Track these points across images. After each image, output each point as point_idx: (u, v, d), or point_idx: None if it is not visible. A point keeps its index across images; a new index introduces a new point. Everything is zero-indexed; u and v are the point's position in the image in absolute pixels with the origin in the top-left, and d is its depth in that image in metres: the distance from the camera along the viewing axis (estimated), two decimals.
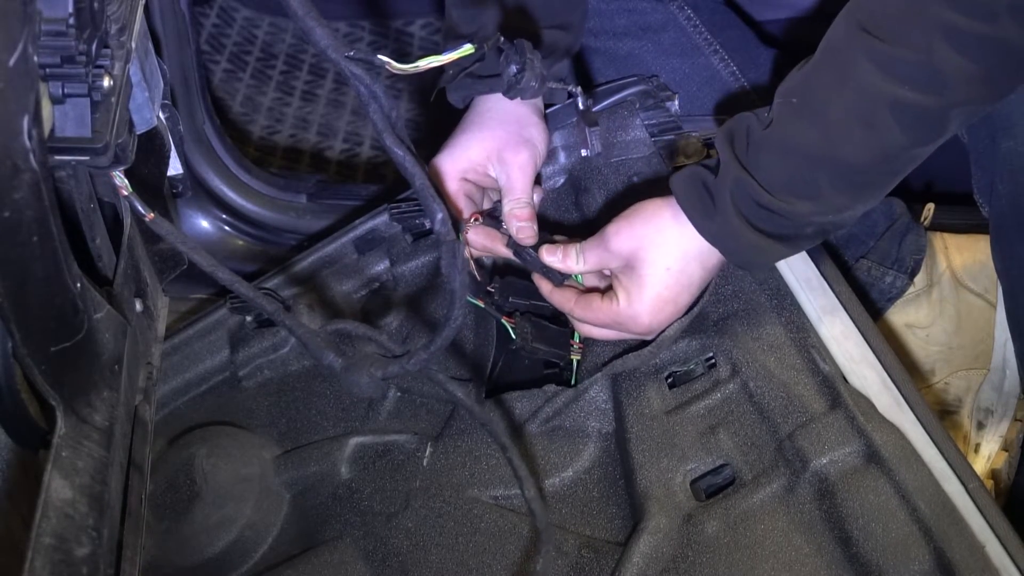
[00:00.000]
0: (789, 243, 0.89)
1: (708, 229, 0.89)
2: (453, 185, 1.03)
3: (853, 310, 0.96)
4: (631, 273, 0.92)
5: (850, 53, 0.82)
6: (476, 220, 1.04)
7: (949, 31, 0.77)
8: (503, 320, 1.02)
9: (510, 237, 1.01)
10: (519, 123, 1.04)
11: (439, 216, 0.70)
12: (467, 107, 1.08)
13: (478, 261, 1.08)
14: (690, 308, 0.96)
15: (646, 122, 1.11)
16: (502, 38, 0.92)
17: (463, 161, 1.03)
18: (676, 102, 1.13)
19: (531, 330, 1.01)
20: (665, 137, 1.11)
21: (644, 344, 0.98)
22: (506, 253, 1.02)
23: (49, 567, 0.62)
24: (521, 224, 1.01)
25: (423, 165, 0.71)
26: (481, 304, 1.03)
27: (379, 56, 0.71)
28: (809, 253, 0.99)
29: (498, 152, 1.03)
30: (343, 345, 0.85)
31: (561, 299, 0.98)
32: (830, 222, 0.88)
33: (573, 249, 0.97)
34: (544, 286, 1.00)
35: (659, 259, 0.91)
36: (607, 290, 0.96)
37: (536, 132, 1.05)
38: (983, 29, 0.76)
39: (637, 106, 1.12)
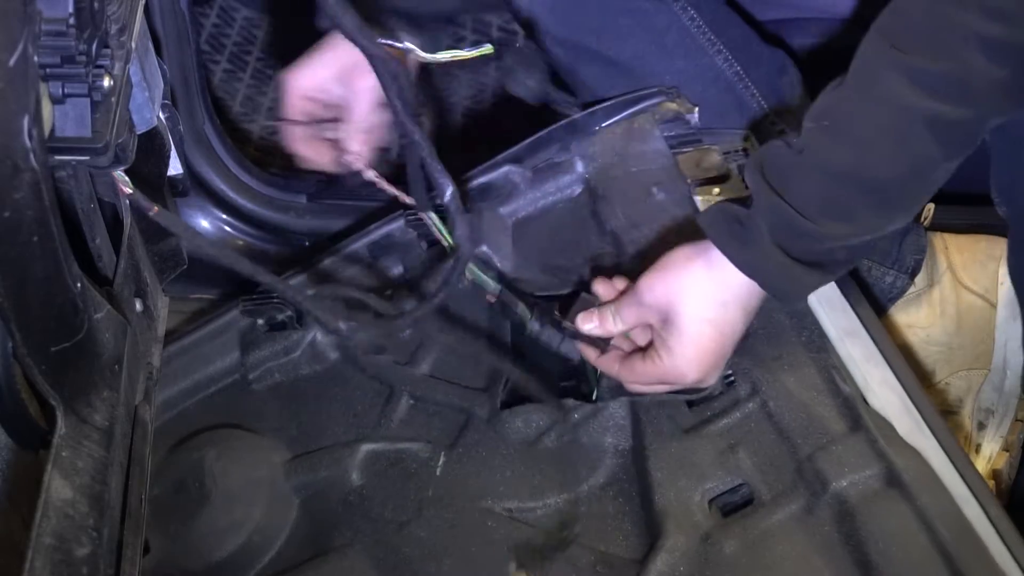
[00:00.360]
0: (823, 270, 0.87)
1: (744, 261, 0.86)
2: (294, 102, 1.04)
3: (875, 331, 0.95)
4: (670, 327, 0.89)
5: (880, 71, 0.81)
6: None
7: (981, 40, 0.76)
8: (519, 303, 0.99)
9: (567, 327, 0.97)
10: None
11: (449, 190, 0.72)
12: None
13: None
14: None
15: (665, 134, 1.11)
16: (520, 41, 0.92)
17: (306, 79, 1.04)
18: (696, 114, 1.12)
19: (545, 315, 0.99)
20: (685, 149, 1.10)
21: None
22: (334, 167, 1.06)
23: (49, 567, 0.62)
24: (352, 154, 1.01)
25: (431, 144, 0.72)
26: (494, 285, 1.00)
27: (406, 43, 0.73)
28: None
29: (345, 73, 1.03)
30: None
31: (606, 364, 0.96)
32: (863, 243, 0.86)
33: (608, 311, 0.94)
34: (590, 354, 0.98)
35: (696, 311, 0.88)
36: (648, 347, 0.93)
37: None
38: (1016, 36, 0.75)
39: (656, 117, 1.12)
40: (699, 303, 0.88)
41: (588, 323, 0.95)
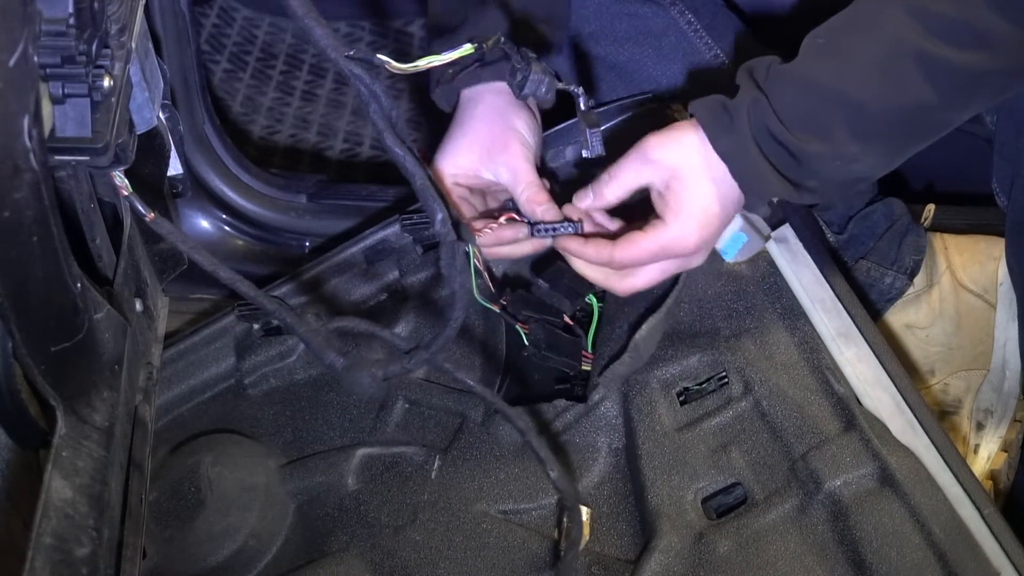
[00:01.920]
0: (791, 186, 0.88)
1: (722, 144, 0.87)
2: (449, 189, 1.03)
3: (868, 332, 0.95)
4: (678, 185, 0.89)
5: (884, 4, 0.82)
6: (497, 222, 1.01)
7: None
8: (517, 326, 1.00)
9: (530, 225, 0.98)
10: (503, 116, 1.02)
11: (439, 216, 0.71)
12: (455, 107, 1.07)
13: (490, 271, 1.07)
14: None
15: None
16: (502, 38, 0.91)
17: (451, 167, 1.03)
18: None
19: (544, 337, 1.00)
20: None
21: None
22: (531, 247, 1.01)
23: (49, 567, 0.62)
24: (543, 207, 0.98)
25: (424, 165, 0.71)
26: (496, 309, 1.01)
27: (379, 56, 0.72)
28: (824, 273, 0.99)
29: (487, 153, 1.02)
30: (346, 345, 0.84)
31: (597, 253, 0.93)
32: (838, 175, 0.86)
33: (601, 180, 0.93)
34: (572, 246, 0.95)
35: (704, 171, 0.88)
36: (643, 224, 0.92)
37: (521, 120, 1.03)
38: None
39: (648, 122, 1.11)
40: (706, 162, 0.88)
41: (583, 201, 0.95)
